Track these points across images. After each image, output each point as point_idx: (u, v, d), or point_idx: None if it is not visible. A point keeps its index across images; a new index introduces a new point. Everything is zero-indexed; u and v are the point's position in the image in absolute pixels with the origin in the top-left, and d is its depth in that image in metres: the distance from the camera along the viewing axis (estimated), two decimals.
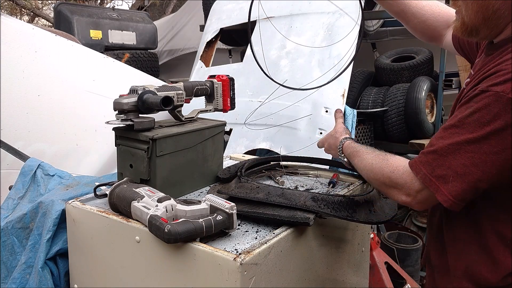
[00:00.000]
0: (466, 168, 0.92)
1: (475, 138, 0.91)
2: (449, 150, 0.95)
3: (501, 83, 0.89)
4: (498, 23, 0.98)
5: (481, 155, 0.91)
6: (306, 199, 1.25)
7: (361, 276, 1.66)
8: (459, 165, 0.93)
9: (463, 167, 0.92)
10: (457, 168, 0.93)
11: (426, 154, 1.01)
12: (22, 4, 9.49)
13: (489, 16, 0.97)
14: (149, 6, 9.59)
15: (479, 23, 1.00)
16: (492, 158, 0.90)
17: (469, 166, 0.92)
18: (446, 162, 0.95)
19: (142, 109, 1.35)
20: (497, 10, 0.96)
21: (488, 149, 0.90)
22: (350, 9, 2.90)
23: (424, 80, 3.05)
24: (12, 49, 2.13)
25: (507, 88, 0.88)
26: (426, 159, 1.00)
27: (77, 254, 1.38)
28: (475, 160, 0.91)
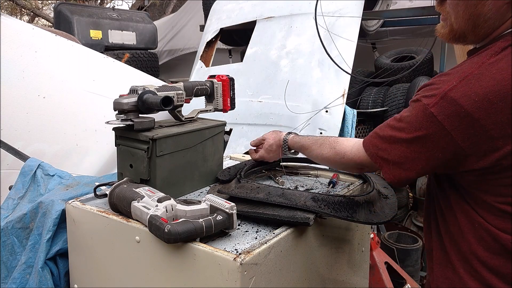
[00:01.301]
0: (400, 158, 1.06)
1: (406, 139, 1.03)
2: (390, 140, 1.08)
3: (429, 96, 0.98)
4: (486, 31, 1.01)
5: (410, 152, 1.04)
6: (306, 199, 1.25)
7: (361, 276, 1.66)
8: (396, 154, 1.07)
9: (398, 157, 1.06)
10: (394, 157, 1.07)
11: (375, 137, 1.14)
12: (22, 4, 9.49)
13: (479, 24, 1.00)
14: (149, 6, 9.59)
15: (468, 30, 1.02)
16: (417, 155, 1.03)
17: (401, 157, 1.05)
18: (387, 148, 1.09)
19: (142, 109, 1.35)
20: (488, 19, 0.98)
21: (415, 149, 1.03)
22: (350, 9, 2.91)
23: (424, 80, 3.05)
24: (12, 49, 2.12)
25: (431, 102, 0.97)
26: (375, 141, 1.14)
27: (77, 254, 1.38)
28: (406, 154, 1.04)
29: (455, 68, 1.02)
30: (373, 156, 1.14)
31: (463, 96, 0.93)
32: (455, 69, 1.01)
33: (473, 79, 0.94)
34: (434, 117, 0.96)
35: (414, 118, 1.02)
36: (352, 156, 1.24)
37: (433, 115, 0.97)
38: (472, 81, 0.94)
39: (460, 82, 0.95)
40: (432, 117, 0.97)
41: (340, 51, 2.78)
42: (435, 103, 0.96)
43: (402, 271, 2.66)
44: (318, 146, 1.38)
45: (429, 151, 1.01)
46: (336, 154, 1.30)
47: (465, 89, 0.93)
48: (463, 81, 0.95)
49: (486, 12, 0.97)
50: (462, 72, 0.97)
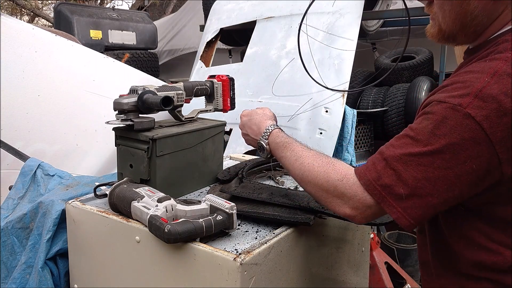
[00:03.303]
0: (417, 181, 0.87)
1: (429, 151, 0.86)
2: (400, 160, 0.89)
3: (459, 96, 0.86)
4: (476, 30, 0.97)
5: (434, 170, 0.86)
6: (309, 199, 1.25)
7: (361, 276, 1.66)
8: (410, 177, 0.87)
9: (415, 180, 0.87)
10: (408, 180, 0.87)
11: (373, 161, 0.94)
12: (22, 4, 9.49)
13: (467, 23, 0.96)
14: (149, 6, 9.60)
15: (456, 29, 0.98)
16: (444, 173, 0.85)
17: (420, 180, 0.87)
18: (395, 172, 0.89)
19: (142, 109, 1.35)
20: (476, 17, 0.95)
21: (441, 163, 0.85)
22: (350, 9, 2.91)
23: (424, 80, 3.05)
24: (12, 49, 2.12)
25: (464, 101, 0.84)
26: (374, 166, 0.93)
27: (77, 254, 1.38)
28: (427, 174, 0.86)
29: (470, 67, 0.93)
30: (370, 185, 0.92)
31: (500, 92, 0.83)
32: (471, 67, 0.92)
33: (504, 75, 0.85)
34: (472, 118, 0.83)
35: (438, 124, 0.86)
36: (345, 186, 0.96)
37: (470, 116, 0.83)
38: (504, 77, 0.85)
39: (492, 78, 0.85)
40: (468, 118, 0.83)
41: (340, 51, 2.78)
42: (470, 102, 0.84)
43: (402, 271, 2.66)
44: (307, 151, 1.10)
45: (460, 164, 0.84)
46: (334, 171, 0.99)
47: (499, 86, 0.84)
48: (495, 77, 0.85)
49: (472, 10, 0.94)
50: (490, 68, 0.87)
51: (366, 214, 0.96)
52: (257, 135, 1.27)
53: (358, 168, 0.97)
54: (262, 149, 1.24)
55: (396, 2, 4.16)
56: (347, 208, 0.97)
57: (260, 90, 2.97)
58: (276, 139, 1.20)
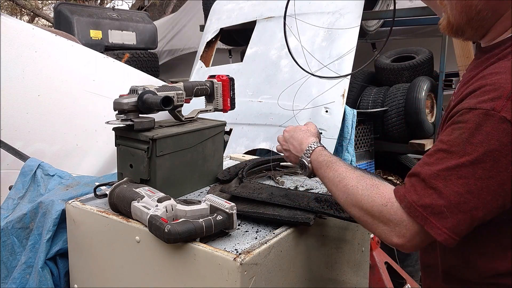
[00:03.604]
0: (460, 196, 0.83)
1: (468, 162, 0.82)
2: (438, 176, 0.85)
3: (491, 100, 0.82)
4: (482, 24, 0.96)
5: (476, 181, 0.82)
6: (309, 199, 1.25)
7: (361, 276, 1.66)
8: (452, 193, 0.83)
9: (457, 195, 0.83)
10: (450, 196, 0.83)
11: (412, 182, 0.91)
12: (22, 4, 9.49)
13: (473, 17, 0.95)
14: (149, 6, 9.60)
15: (463, 23, 0.97)
16: (487, 183, 0.82)
17: (463, 194, 0.83)
18: (435, 190, 0.85)
19: (142, 109, 1.35)
20: (480, 11, 0.94)
21: (483, 173, 0.81)
22: (350, 9, 2.90)
23: (424, 80, 3.05)
24: (12, 49, 2.12)
25: (498, 105, 0.81)
26: (413, 188, 0.89)
27: (77, 254, 1.38)
28: (470, 186, 0.82)
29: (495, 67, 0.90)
30: (411, 208, 0.87)
31: None
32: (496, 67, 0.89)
33: None
34: (508, 121, 0.80)
35: (473, 132, 0.82)
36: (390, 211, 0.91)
37: (506, 120, 0.80)
38: None
39: None
40: (504, 122, 0.80)
41: (340, 51, 2.78)
42: (503, 105, 0.80)
43: (402, 271, 2.66)
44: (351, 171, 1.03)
45: (502, 171, 0.81)
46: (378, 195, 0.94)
47: None
48: None
49: (476, 4, 0.93)
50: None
51: (414, 242, 0.90)
52: (299, 152, 1.21)
53: (398, 191, 0.93)
54: (304, 167, 1.18)
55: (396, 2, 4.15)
56: (394, 236, 0.92)
57: (260, 90, 2.97)
58: (319, 158, 1.14)
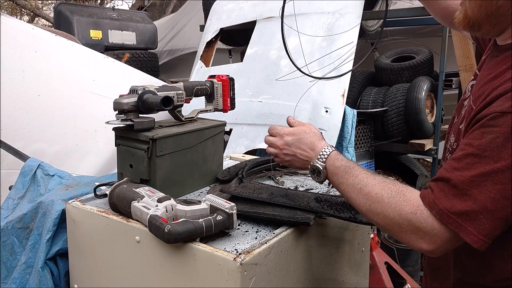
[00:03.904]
0: (497, 202, 0.81)
1: (504, 167, 0.81)
2: (472, 183, 0.83)
3: None
4: (501, 20, 0.94)
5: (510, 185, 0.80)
6: (309, 199, 1.25)
7: (361, 276, 1.66)
8: (488, 199, 0.82)
9: (493, 201, 0.82)
10: (486, 203, 0.82)
11: (440, 188, 0.88)
12: (22, 4, 9.49)
13: (492, 12, 0.93)
14: (149, 6, 9.59)
15: (482, 18, 0.95)
16: None
17: (500, 200, 0.81)
18: (470, 197, 0.83)
19: (142, 109, 1.35)
20: (501, 6, 0.92)
21: None
22: (350, 9, 2.90)
23: (424, 80, 3.05)
24: (12, 49, 2.12)
25: None
26: (444, 194, 0.87)
27: (77, 254, 1.38)
28: (506, 192, 0.81)
29: None
30: (444, 215, 0.86)
31: None
32: None
33: None
34: None
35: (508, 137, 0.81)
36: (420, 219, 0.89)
37: None
38: None
39: None
40: None
41: (340, 51, 2.78)
42: None
43: (402, 271, 2.66)
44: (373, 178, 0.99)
45: None
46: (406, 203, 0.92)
47: None
48: None
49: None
50: None
51: (445, 247, 0.90)
52: (311, 157, 1.13)
53: (426, 197, 0.90)
54: (318, 173, 1.11)
55: (396, 2, 4.16)
56: (423, 243, 0.90)
57: (260, 90, 2.97)
58: (336, 163, 1.08)
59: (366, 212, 1.00)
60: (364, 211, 1.00)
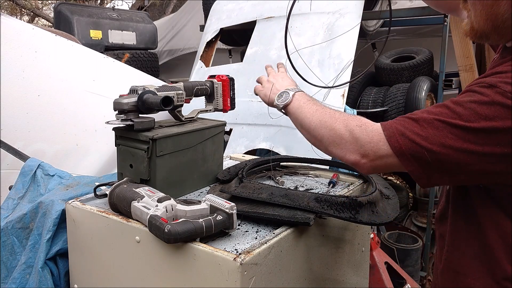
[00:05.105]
0: (443, 147, 0.87)
1: (465, 127, 0.86)
2: (432, 124, 0.89)
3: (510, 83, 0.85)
4: (508, 31, 0.95)
5: (464, 142, 0.85)
6: (309, 199, 1.25)
7: (361, 276, 1.66)
8: (437, 142, 0.87)
9: (440, 146, 0.87)
10: (434, 145, 0.87)
11: (404, 119, 0.94)
12: (22, 4, 9.49)
13: (499, 25, 0.94)
14: (149, 6, 9.59)
15: (488, 30, 0.96)
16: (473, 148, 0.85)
17: (446, 147, 0.86)
18: (423, 132, 0.89)
19: (142, 109, 1.35)
20: (506, 20, 0.92)
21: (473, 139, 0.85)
22: (350, 9, 2.90)
23: (424, 80, 3.05)
24: (12, 49, 2.12)
25: None
26: (402, 122, 0.93)
27: (77, 254, 1.38)
28: (456, 144, 0.86)
29: None
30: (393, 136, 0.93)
31: None
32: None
33: None
34: None
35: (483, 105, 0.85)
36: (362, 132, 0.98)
37: None
38: None
39: None
40: None
41: (340, 51, 2.78)
42: None
43: (402, 271, 2.66)
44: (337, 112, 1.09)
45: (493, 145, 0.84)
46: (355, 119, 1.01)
47: None
48: None
49: (503, 13, 0.92)
50: None
51: (375, 163, 0.96)
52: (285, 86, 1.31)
53: (386, 123, 0.97)
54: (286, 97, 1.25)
55: (396, 2, 4.16)
56: (357, 154, 0.97)
57: None
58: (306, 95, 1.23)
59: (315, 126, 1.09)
60: (313, 125, 1.10)
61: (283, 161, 1.79)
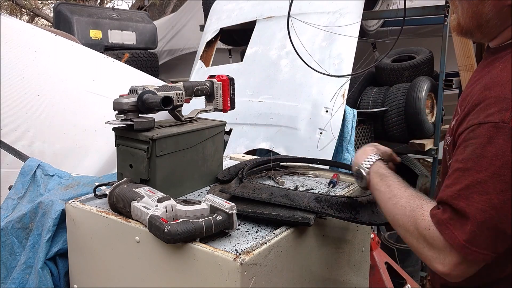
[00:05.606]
0: (485, 213, 0.81)
1: (486, 177, 0.81)
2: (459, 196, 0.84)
3: (498, 112, 0.83)
4: (491, 31, 0.99)
5: (498, 195, 0.80)
6: (309, 200, 1.25)
7: (361, 276, 1.66)
8: (477, 211, 0.82)
9: (482, 212, 0.81)
10: (476, 215, 0.82)
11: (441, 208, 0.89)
12: (22, 4, 9.49)
13: (483, 24, 0.98)
14: (149, 6, 9.59)
15: (473, 27, 1.00)
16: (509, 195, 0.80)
17: (487, 211, 0.81)
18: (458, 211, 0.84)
19: (142, 109, 1.35)
20: (490, 19, 0.97)
21: (503, 186, 0.80)
22: (350, 9, 2.90)
23: (424, 80, 3.04)
24: (12, 49, 2.12)
25: (505, 117, 0.82)
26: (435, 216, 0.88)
27: (77, 254, 1.38)
28: (492, 201, 0.81)
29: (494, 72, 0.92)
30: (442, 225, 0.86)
31: None
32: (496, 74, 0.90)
33: None
34: None
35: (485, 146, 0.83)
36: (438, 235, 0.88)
37: None
38: None
39: None
40: None
41: (340, 51, 2.78)
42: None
43: (402, 271, 2.66)
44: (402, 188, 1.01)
45: None
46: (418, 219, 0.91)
47: None
48: None
49: (487, 12, 0.96)
50: None
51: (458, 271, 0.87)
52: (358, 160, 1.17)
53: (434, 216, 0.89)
54: (360, 177, 1.15)
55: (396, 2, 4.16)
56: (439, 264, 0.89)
57: (260, 90, 2.97)
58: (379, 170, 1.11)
59: (391, 222, 1.01)
60: (390, 220, 1.02)
61: (283, 161, 1.79)
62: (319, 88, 2.72)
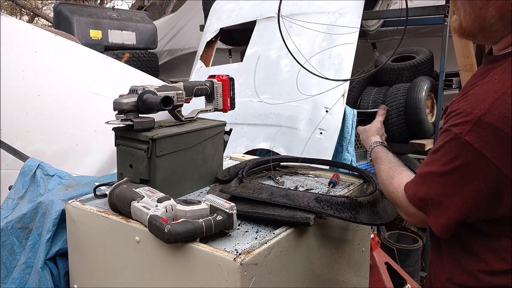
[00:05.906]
0: (437, 195, 0.98)
1: (442, 172, 0.97)
2: (426, 177, 1.02)
3: (460, 125, 0.93)
4: (494, 35, 0.99)
5: (448, 187, 0.96)
6: (309, 200, 1.25)
7: (361, 276, 1.66)
8: (433, 192, 0.99)
9: (435, 194, 0.99)
10: (432, 194, 1.00)
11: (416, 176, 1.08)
12: (22, 4, 9.49)
13: (486, 28, 0.98)
14: (149, 6, 9.59)
15: (476, 31, 1.01)
16: (457, 190, 0.95)
17: (439, 194, 0.98)
18: (424, 186, 1.02)
19: (142, 109, 1.35)
20: (493, 24, 0.96)
21: (452, 182, 0.95)
22: (350, 9, 2.90)
23: (425, 80, 3.04)
24: (12, 49, 2.12)
25: (463, 130, 0.91)
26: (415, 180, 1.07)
27: (77, 254, 1.38)
28: (444, 189, 0.97)
29: (480, 87, 0.95)
30: (411, 198, 1.05)
31: (500, 118, 0.87)
32: (480, 88, 0.95)
33: (508, 99, 0.87)
34: (470, 145, 0.90)
35: (447, 150, 0.95)
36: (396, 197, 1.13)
37: (468, 143, 0.90)
38: (508, 101, 0.87)
39: (493, 103, 0.88)
40: (467, 145, 0.90)
41: (340, 51, 2.78)
42: (469, 130, 0.90)
43: (402, 271, 2.66)
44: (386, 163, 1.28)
45: (469, 183, 0.93)
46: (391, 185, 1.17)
47: (501, 111, 0.87)
48: (496, 102, 0.88)
49: (490, 17, 0.95)
50: (494, 92, 0.90)
51: (414, 220, 1.10)
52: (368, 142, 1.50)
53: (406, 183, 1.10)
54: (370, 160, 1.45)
55: (396, 2, 4.16)
56: (403, 214, 1.14)
57: (260, 90, 2.97)
58: (374, 155, 1.41)
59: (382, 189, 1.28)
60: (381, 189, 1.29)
61: (283, 161, 1.79)
62: (319, 88, 2.72)
